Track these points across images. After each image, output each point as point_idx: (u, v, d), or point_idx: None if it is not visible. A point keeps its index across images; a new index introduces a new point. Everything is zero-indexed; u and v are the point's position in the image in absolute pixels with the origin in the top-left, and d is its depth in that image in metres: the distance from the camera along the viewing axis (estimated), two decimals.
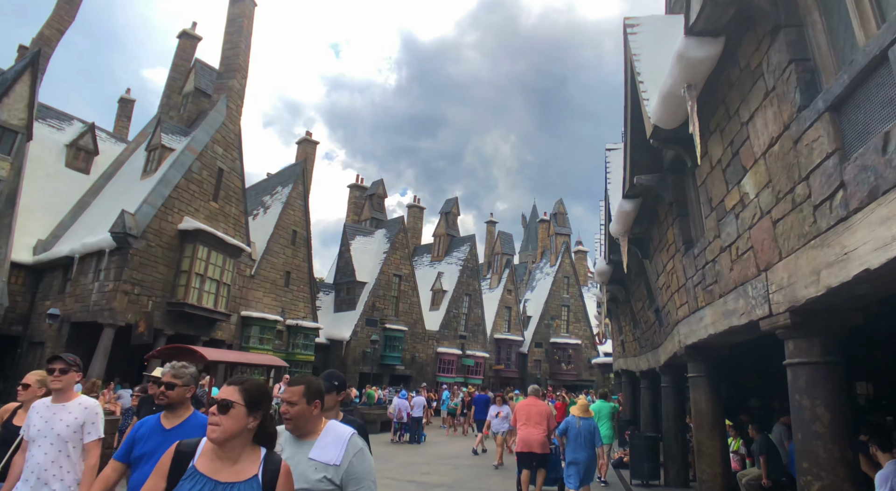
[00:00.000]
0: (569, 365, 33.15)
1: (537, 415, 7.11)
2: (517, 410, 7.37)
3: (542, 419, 7.10)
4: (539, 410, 7.20)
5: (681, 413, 9.09)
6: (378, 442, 14.93)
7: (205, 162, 18.18)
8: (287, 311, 21.90)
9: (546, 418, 7.15)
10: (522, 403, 7.41)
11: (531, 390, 7.82)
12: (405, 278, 28.24)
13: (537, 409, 7.21)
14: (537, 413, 7.13)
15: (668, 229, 6.74)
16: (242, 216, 20.00)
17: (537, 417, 7.10)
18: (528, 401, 7.47)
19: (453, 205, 33.73)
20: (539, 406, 7.30)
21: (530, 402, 7.36)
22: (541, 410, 7.23)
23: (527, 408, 7.22)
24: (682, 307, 6.54)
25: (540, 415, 7.12)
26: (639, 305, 10.12)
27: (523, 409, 7.24)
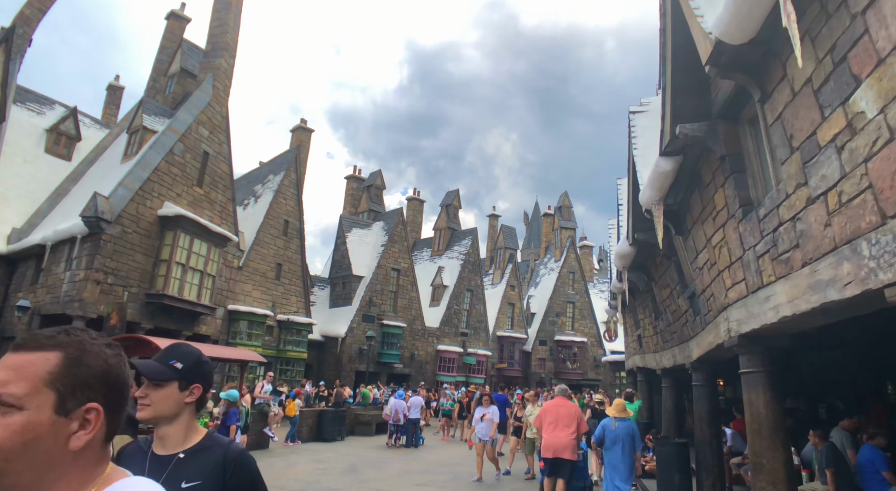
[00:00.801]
0: (574, 364, 31.89)
1: (566, 416, 6.48)
2: (543, 412, 6.75)
3: (571, 421, 6.47)
4: (568, 411, 6.55)
5: (716, 416, 7.89)
6: (372, 446, 13.73)
7: (188, 144, 16.99)
8: (278, 305, 20.70)
9: (576, 421, 6.52)
10: (550, 405, 6.80)
11: (559, 390, 7.20)
12: (404, 273, 27.03)
13: (566, 410, 6.57)
14: (566, 415, 6.49)
15: (715, 192, 5.52)
16: (230, 204, 18.81)
17: (566, 419, 6.46)
18: (555, 401, 6.86)
19: (454, 197, 32.50)
20: (568, 407, 6.64)
21: (558, 402, 6.75)
22: (570, 411, 6.56)
23: (554, 409, 6.60)
24: (735, 287, 5.31)
25: (569, 417, 6.48)
26: (664, 293, 8.89)
27: (551, 410, 6.61)
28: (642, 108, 8.12)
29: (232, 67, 19.42)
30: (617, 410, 6.72)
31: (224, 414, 7.06)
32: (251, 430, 11.68)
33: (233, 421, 6.96)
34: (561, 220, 34.85)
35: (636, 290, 11.66)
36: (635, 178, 7.51)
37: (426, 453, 12.46)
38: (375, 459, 11.20)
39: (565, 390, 7.43)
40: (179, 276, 15.63)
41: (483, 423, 8.66)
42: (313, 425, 14.44)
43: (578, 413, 6.78)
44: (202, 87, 18.09)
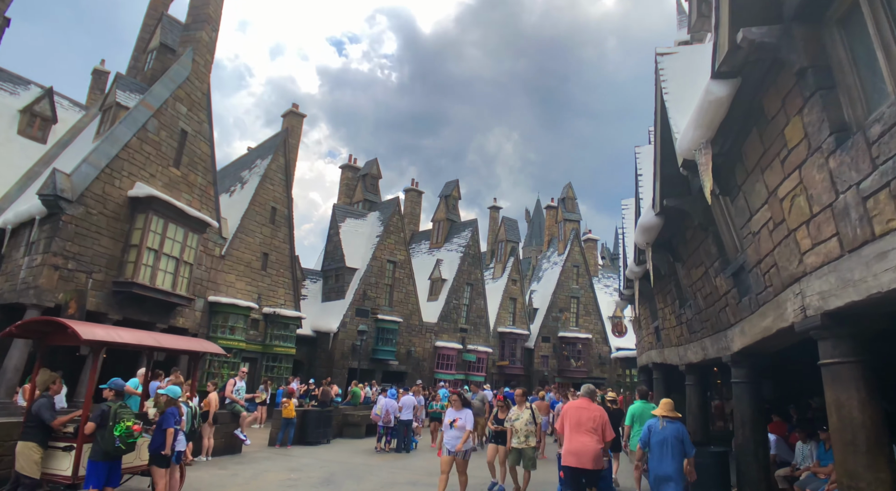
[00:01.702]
0: (578, 361, 30.51)
1: (590, 420, 5.81)
2: (564, 415, 6.04)
3: (596, 426, 5.80)
4: (592, 414, 5.87)
5: (760, 419, 6.56)
6: (359, 450, 12.39)
7: (164, 121, 15.66)
8: (264, 297, 19.38)
9: (602, 425, 5.84)
10: (572, 406, 6.07)
11: (584, 391, 6.38)
12: (400, 265, 25.69)
13: (590, 413, 5.88)
14: (590, 418, 5.82)
15: (786, 125, 4.17)
16: (211, 187, 17.48)
17: (590, 422, 5.79)
18: (578, 403, 6.14)
19: (454, 188, 31.13)
20: (592, 410, 5.94)
21: (581, 404, 6.04)
22: (594, 414, 5.88)
23: (577, 412, 5.92)
24: (818, 249, 3.97)
25: (593, 420, 5.82)
26: (695, 274, 7.53)
27: (573, 413, 5.93)
28: (671, 50, 6.76)
29: (214, 41, 18.10)
30: (665, 409, 5.97)
31: (161, 414, 5.73)
32: (220, 432, 10.37)
33: (169, 424, 5.63)
34: (564, 211, 33.44)
35: (655, 275, 10.30)
36: (665, 130, 6.15)
37: (418, 460, 11.13)
38: (359, 467, 9.86)
39: (592, 391, 6.46)
40: (151, 263, 14.32)
41: (453, 430, 6.83)
42: (296, 427, 13.12)
43: (604, 417, 6.01)
44: (181, 61, 16.77)
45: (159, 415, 5.81)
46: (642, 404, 9.40)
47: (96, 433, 5.37)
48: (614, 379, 31.42)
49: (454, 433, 6.80)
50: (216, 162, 17.99)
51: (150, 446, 5.70)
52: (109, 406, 5.48)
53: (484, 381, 26.94)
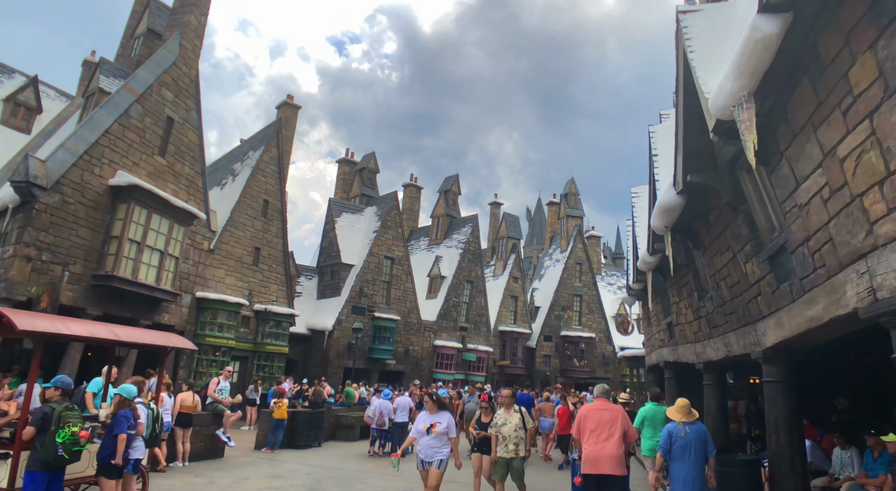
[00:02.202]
0: (582, 361, 29.72)
1: (610, 423, 5.38)
2: (582, 417, 5.61)
3: (617, 428, 5.37)
4: (613, 416, 5.45)
5: (797, 423, 5.80)
6: (351, 454, 11.63)
7: (148, 107, 14.93)
8: (255, 293, 18.64)
9: (622, 428, 5.41)
10: (590, 408, 5.64)
11: (599, 391, 5.90)
12: (398, 261, 24.93)
13: (610, 415, 5.45)
14: (611, 420, 5.40)
15: (851, 66, 3.41)
16: (199, 178, 16.74)
17: (610, 426, 5.37)
18: (596, 404, 5.68)
19: (453, 183, 30.37)
20: (612, 411, 5.52)
21: (600, 405, 5.61)
22: (615, 416, 5.45)
23: (596, 413, 5.50)
24: (893, 216, 3.21)
25: (614, 423, 5.39)
26: (720, 261, 6.77)
27: (591, 415, 5.52)
28: (695, 7, 5.99)
29: (203, 26, 17.36)
30: (683, 411, 5.73)
31: (112, 417, 4.98)
32: (200, 435, 9.62)
33: (121, 428, 4.87)
34: (567, 207, 32.64)
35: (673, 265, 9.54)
36: (689, 95, 5.40)
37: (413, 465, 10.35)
38: (349, 474, 9.11)
39: (607, 391, 5.99)
40: (133, 255, 13.58)
41: (429, 437, 5.59)
42: (285, 429, 12.36)
43: (625, 417, 5.60)
44: (167, 45, 16.03)
45: (110, 418, 5.06)
46: (654, 406, 8.73)
47: (35, 439, 4.63)
48: (618, 379, 30.61)
49: (431, 441, 5.58)
50: (206, 153, 17.25)
51: (98, 454, 4.95)
52: (53, 408, 4.73)
53: (484, 381, 26.18)
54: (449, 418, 5.75)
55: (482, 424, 6.83)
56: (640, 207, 10.91)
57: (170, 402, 8.51)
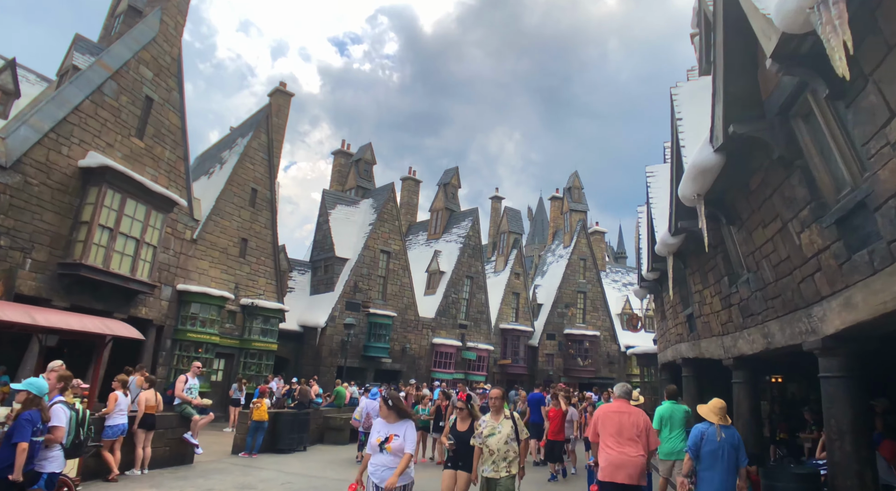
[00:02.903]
0: (586, 360, 28.63)
1: (631, 427, 4.88)
2: (599, 420, 5.10)
3: (639, 433, 4.87)
4: (633, 419, 4.93)
5: (864, 429, 4.77)
6: (337, 460, 10.55)
7: (125, 85, 13.91)
8: (242, 287, 17.61)
9: (644, 433, 4.90)
10: (608, 410, 5.13)
11: (620, 391, 5.35)
12: (395, 255, 23.88)
13: (631, 418, 4.93)
14: (631, 425, 4.90)
15: None
16: (181, 163, 15.74)
17: (631, 429, 4.87)
18: (615, 406, 5.20)
19: (453, 175, 29.33)
20: (633, 414, 4.97)
21: (619, 407, 5.11)
22: (636, 419, 4.93)
23: (616, 417, 4.98)
24: None
25: (635, 427, 4.88)
26: (764, 234, 5.73)
27: (610, 417, 5.01)
28: None
29: (186, 2, 16.35)
30: (721, 413, 5.01)
31: (14, 420, 3.95)
32: (163, 439, 8.58)
33: (22, 435, 3.83)
34: (570, 201, 31.57)
35: (692, 250, 8.49)
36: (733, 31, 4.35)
37: None
38: (329, 485, 8.06)
39: (628, 391, 5.40)
40: (105, 243, 12.56)
41: (383, 455, 4.18)
42: (267, 432, 11.32)
43: (647, 422, 5.03)
44: (146, 20, 15.03)
45: (12, 419, 4.02)
46: (671, 405, 7.84)
47: None
48: (624, 379, 29.52)
49: (386, 459, 4.16)
50: (188, 135, 16.23)
51: None
52: None
53: (484, 380, 25.13)
54: (409, 429, 4.32)
55: (458, 434, 5.18)
56: (657, 186, 9.86)
57: (125, 401, 7.48)
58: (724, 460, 4.82)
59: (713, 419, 5.01)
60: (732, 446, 4.87)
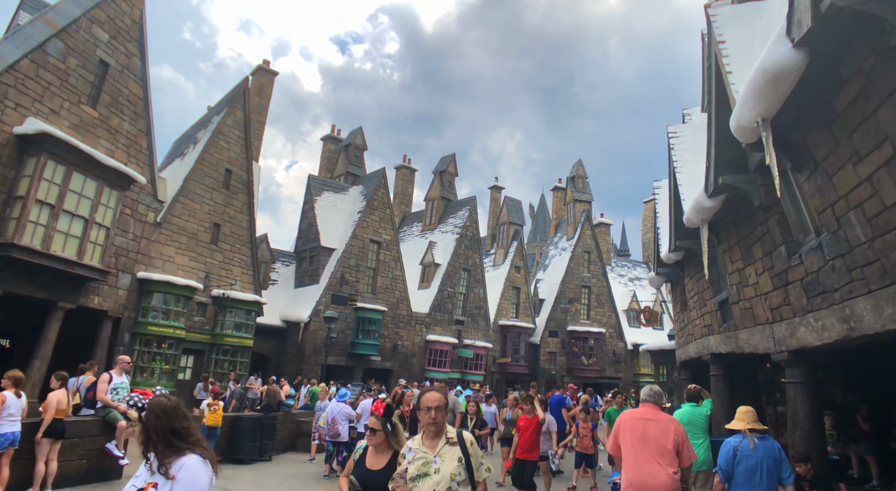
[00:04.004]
0: (590, 359, 26.99)
1: (659, 437, 3.83)
2: (620, 429, 4.03)
3: (668, 445, 3.79)
4: (663, 428, 3.87)
5: None
6: (303, 473, 8.88)
7: (74, 46, 12.33)
8: (214, 277, 16.02)
9: (679, 444, 3.81)
10: (631, 418, 4.06)
11: (647, 394, 4.18)
12: (386, 246, 22.28)
13: (660, 426, 3.89)
14: (660, 434, 3.85)
15: None
16: (143, 137, 14.17)
17: (660, 441, 3.82)
18: (641, 412, 4.05)
19: (450, 163, 27.71)
20: (662, 421, 3.92)
21: (646, 413, 4.01)
22: (665, 428, 3.87)
23: (640, 425, 3.96)
24: None
25: (664, 436, 3.81)
26: (851, 178, 4.11)
27: (634, 426, 3.98)
28: None
29: None
30: (750, 419, 4.24)
31: None
32: (77, 450, 6.99)
33: None
34: (574, 191, 29.91)
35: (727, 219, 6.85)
36: None
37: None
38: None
39: (658, 394, 4.34)
40: (45, 221, 10.99)
41: None
42: (225, 439, 9.75)
43: (680, 431, 4.02)
44: None
45: None
46: (691, 409, 6.84)
47: None
48: (631, 379, 27.91)
49: None
50: (152, 110, 14.64)
51: None
52: None
53: (483, 380, 23.53)
54: None
55: (368, 475, 2.95)
56: (682, 148, 8.23)
57: (16, 404, 5.89)
58: (764, 477, 4.02)
59: (740, 426, 4.22)
60: (772, 459, 4.06)
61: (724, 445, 4.31)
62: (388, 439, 3.00)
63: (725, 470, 4.21)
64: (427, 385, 15.78)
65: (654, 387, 4.43)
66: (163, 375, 14.03)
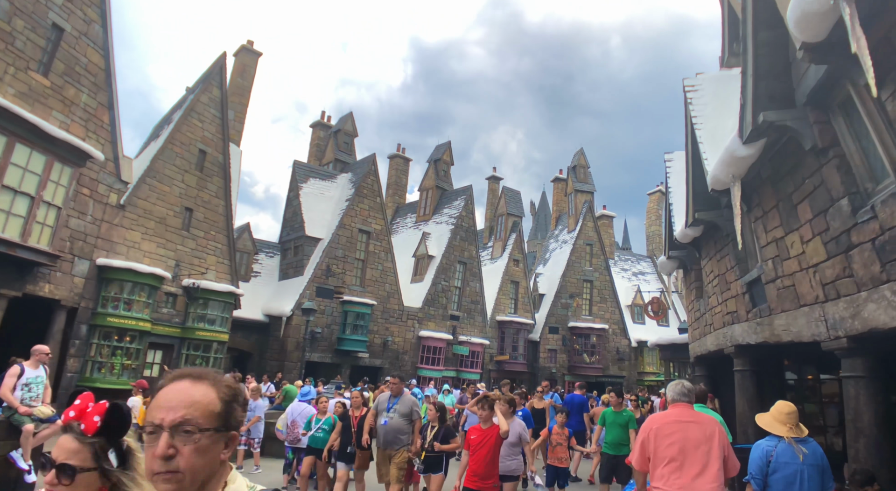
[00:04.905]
0: (593, 356, 25.71)
1: (700, 443, 3.11)
2: (652, 436, 3.22)
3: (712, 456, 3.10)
4: (704, 433, 3.14)
5: None
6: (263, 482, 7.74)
7: (21, 5, 11.11)
8: (185, 265, 14.80)
9: (721, 454, 3.13)
10: (664, 421, 3.28)
11: (676, 392, 3.41)
12: (376, 236, 21.04)
13: (700, 431, 3.16)
14: (702, 439, 3.12)
15: None
16: (105, 112, 12.97)
17: (701, 449, 3.10)
18: (675, 413, 3.33)
19: (445, 151, 26.44)
20: (703, 425, 3.19)
21: (681, 415, 3.28)
22: (708, 433, 3.16)
23: (677, 430, 3.18)
24: None
25: (706, 445, 3.10)
26: None
27: (670, 431, 3.19)
28: None
29: None
30: (792, 420, 3.49)
31: None
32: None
33: None
34: (576, 181, 28.63)
35: (763, 176, 5.59)
36: None
37: None
38: None
39: (690, 392, 3.43)
40: None
41: None
42: None
43: (723, 436, 3.20)
44: None
45: None
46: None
47: None
48: (635, 377, 26.63)
49: None
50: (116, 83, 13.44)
51: None
52: None
53: (479, 379, 22.29)
54: None
55: None
56: (702, 102, 6.96)
57: None
58: (805, 488, 3.42)
59: (780, 431, 3.54)
60: (816, 469, 3.46)
61: (756, 449, 3.63)
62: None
63: (758, 479, 3.58)
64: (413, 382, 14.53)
65: (684, 382, 3.56)
66: (124, 371, 12.81)
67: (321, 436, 6.61)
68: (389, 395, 5.71)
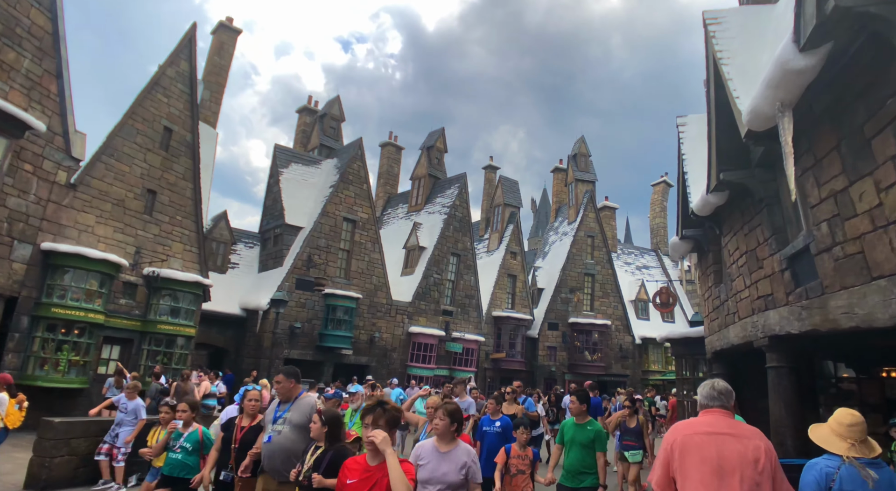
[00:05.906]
0: (594, 354, 24.35)
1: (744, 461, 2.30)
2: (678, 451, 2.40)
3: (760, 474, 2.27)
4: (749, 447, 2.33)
5: None
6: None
7: None
8: (147, 253, 13.49)
9: (772, 472, 2.29)
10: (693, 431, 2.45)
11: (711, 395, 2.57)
12: (362, 225, 19.72)
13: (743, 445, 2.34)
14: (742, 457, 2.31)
15: None
16: (53, 81, 11.70)
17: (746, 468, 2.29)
18: (704, 421, 2.52)
19: (438, 138, 25.10)
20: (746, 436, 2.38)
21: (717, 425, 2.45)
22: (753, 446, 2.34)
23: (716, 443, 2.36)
24: None
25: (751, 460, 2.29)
26: None
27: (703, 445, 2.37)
28: None
29: None
30: (858, 435, 2.56)
31: None
32: None
33: None
34: (577, 170, 27.26)
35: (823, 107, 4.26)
36: None
37: None
38: None
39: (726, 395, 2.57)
40: None
41: None
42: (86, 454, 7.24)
43: (771, 454, 2.35)
44: None
45: None
46: None
47: None
48: (640, 376, 25.29)
49: None
50: (67, 50, 12.15)
51: None
52: None
53: (474, 377, 20.97)
54: None
55: None
56: (728, 32, 5.65)
57: None
58: None
59: (839, 448, 2.55)
60: (891, 484, 2.47)
61: (811, 470, 2.63)
62: None
63: None
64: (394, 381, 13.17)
65: (717, 382, 2.63)
66: (72, 367, 11.52)
67: (178, 459, 4.49)
68: (277, 401, 4.05)
